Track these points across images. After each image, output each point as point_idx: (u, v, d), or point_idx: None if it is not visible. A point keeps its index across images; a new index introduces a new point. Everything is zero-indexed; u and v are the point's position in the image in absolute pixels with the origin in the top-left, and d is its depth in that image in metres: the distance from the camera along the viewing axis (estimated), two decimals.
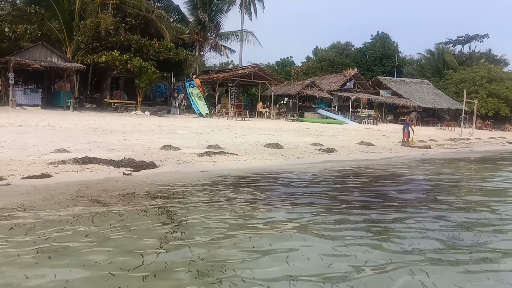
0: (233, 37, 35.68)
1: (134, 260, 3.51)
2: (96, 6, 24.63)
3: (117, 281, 3.12)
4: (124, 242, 3.97)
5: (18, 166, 7.20)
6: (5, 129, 12.40)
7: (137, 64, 23.37)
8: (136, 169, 7.76)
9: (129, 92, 27.64)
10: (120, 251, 3.74)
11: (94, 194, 5.71)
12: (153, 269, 3.36)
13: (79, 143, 10.52)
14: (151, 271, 3.32)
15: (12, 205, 4.94)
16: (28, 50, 21.66)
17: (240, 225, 4.75)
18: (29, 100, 21.40)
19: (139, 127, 16.12)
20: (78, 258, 3.50)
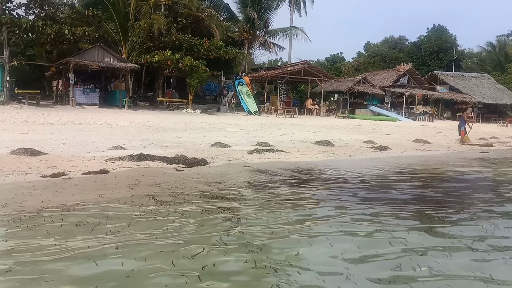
0: (282, 34, 35.48)
1: (194, 251, 3.57)
2: (149, 7, 25.36)
3: (178, 268, 3.18)
4: (184, 234, 4.03)
5: (79, 162, 7.52)
6: (66, 127, 13.07)
7: (188, 63, 23.83)
8: (188, 165, 7.86)
9: (181, 91, 28.27)
10: (181, 243, 3.80)
11: (150, 190, 5.83)
12: (211, 260, 3.40)
13: (134, 140, 10.85)
14: (209, 262, 3.35)
15: (76, 200, 5.13)
16: (86, 52, 22.71)
17: (296, 220, 4.67)
18: (88, 99, 22.45)
19: (190, 124, 16.43)
20: (142, 249, 3.57)
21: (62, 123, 14.09)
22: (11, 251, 3.44)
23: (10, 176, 6.18)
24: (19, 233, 3.87)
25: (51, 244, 3.60)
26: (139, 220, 4.43)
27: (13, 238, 3.75)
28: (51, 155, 8.01)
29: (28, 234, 3.84)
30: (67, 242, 3.66)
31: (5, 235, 3.83)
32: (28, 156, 7.67)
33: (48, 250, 3.45)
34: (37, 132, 11.47)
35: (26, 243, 3.60)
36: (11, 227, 4.04)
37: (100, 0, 25.48)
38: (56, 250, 3.46)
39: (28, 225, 4.08)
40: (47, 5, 21.57)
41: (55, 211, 4.61)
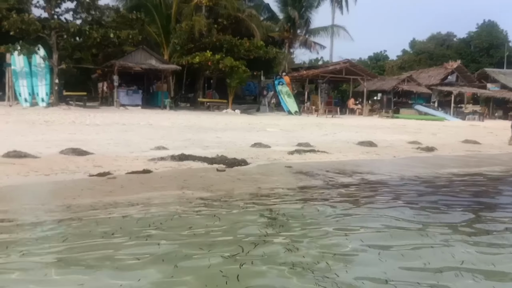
0: (324, 33, 35.06)
1: (234, 250, 3.52)
2: (190, 9, 25.75)
3: (218, 267, 3.15)
4: (225, 232, 4.00)
5: (123, 161, 7.65)
6: (111, 128, 13.43)
7: (229, 64, 23.97)
8: (229, 165, 7.83)
9: (221, 91, 28.50)
10: (220, 241, 3.77)
11: (193, 188, 5.84)
12: (250, 258, 3.33)
13: (176, 140, 10.96)
14: (248, 259, 3.29)
15: (128, 199, 5.20)
16: (130, 54, 23.34)
17: (337, 222, 4.50)
18: (131, 100, 23.07)
19: (230, 125, 16.46)
20: (184, 248, 3.57)
21: (107, 124, 14.49)
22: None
23: (60, 175, 6.36)
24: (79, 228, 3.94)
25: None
26: (186, 217, 4.41)
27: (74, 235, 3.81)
28: (97, 154, 8.20)
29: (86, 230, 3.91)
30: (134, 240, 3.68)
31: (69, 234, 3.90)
32: (76, 156, 7.89)
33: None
34: (84, 132, 11.83)
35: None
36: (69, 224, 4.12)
37: (143, 4, 26.16)
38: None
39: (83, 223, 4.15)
40: (94, 10, 22.32)
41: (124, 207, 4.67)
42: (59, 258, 3.30)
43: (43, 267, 3.11)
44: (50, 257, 3.31)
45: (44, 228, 4.05)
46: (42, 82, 20.43)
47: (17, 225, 4.10)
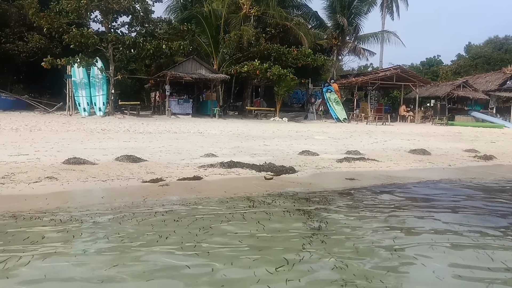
0: (373, 39, 34.39)
1: (278, 261, 3.49)
2: (239, 19, 26.17)
3: (264, 277, 3.13)
4: (270, 242, 3.99)
5: (174, 168, 7.86)
6: (163, 136, 13.87)
7: (276, 72, 24.07)
8: (277, 173, 7.84)
9: (268, 99, 28.64)
10: (265, 251, 3.75)
11: (242, 195, 5.92)
12: (295, 269, 3.30)
13: (225, 148, 11.13)
14: (294, 272, 3.25)
15: (181, 202, 5.36)
16: (181, 64, 24.03)
17: (384, 233, 4.36)
18: (182, 109, 23.72)
19: (278, 133, 16.48)
20: (227, 252, 3.62)
21: (159, 132, 14.99)
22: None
23: (115, 181, 6.63)
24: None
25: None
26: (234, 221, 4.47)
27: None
28: (150, 162, 8.48)
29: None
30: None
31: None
32: (130, 163, 8.20)
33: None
34: (137, 140, 12.30)
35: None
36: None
37: (193, 15, 26.92)
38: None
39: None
40: (147, 23, 23.26)
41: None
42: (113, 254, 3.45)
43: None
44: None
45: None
46: (100, 93, 21.49)
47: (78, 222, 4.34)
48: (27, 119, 17.46)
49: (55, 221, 4.52)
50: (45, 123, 16.02)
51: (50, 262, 3.37)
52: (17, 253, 3.51)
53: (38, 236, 3.98)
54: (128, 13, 22.31)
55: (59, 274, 3.20)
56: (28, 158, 8.29)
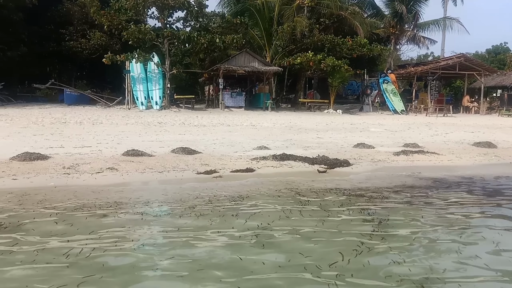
0: (434, 26, 32.64)
1: (333, 257, 3.41)
2: (292, 10, 25.89)
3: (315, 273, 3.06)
4: (324, 237, 3.90)
5: (227, 161, 7.95)
6: (216, 128, 14.07)
7: (330, 63, 23.63)
8: (330, 166, 7.69)
9: (322, 91, 28.21)
10: (320, 246, 3.69)
11: (296, 189, 5.85)
12: (350, 267, 3.19)
13: (277, 140, 11.08)
14: (347, 270, 3.15)
15: (233, 194, 5.41)
16: (234, 58, 24.21)
17: (445, 231, 4.12)
18: (235, 102, 23.92)
19: (331, 125, 16.19)
20: (282, 248, 3.58)
21: (213, 125, 15.22)
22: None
23: (171, 172, 6.81)
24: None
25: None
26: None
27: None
28: (204, 154, 8.63)
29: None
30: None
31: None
32: (185, 155, 8.39)
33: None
34: (192, 133, 12.55)
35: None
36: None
37: (246, 8, 26.98)
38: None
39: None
40: (201, 17, 23.61)
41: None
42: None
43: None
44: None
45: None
46: (156, 87, 22.17)
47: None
48: (90, 113, 18.39)
49: (117, 212, 4.69)
50: (106, 117, 16.79)
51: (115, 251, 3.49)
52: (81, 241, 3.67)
53: (99, 226, 4.15)
54: (183, 8, 22.75)
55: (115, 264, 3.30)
56: (91, 150, 8.72)
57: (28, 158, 7.34)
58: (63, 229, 4.02)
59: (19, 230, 3.94)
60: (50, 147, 8.75)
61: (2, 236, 3.78)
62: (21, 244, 3.59)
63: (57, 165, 6.96)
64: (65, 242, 3.65)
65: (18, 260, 3.24)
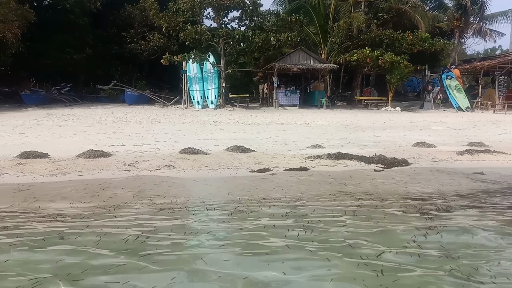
0: (502, 18, 30.55)
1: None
2: (349, 6, 25.36)
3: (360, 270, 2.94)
4: (374, 238, 3.76)
5: (281, 159, 7.91)
6: (270, 127, 14.08)
7: (389, 59, 22.89)
8: (387, 165, 7.43)
9: (380, 88, 27.38)
10: (367, 243, 3.58)
11: (353, 189, 5.72)
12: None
13: (332, 139, 10.90)
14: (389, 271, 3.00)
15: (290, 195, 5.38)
16: (288, 56, 24.10)
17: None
18: (289, 100, 23.82)
19: (389, 123, 15.68)
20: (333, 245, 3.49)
21: (267, 123, 15.24)
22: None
23: (226, 170, 6.89)
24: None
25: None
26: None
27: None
28: (258, 152, 8.66)
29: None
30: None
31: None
32: (239, 153, 8.47)
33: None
34: (246, 131, 12.65)
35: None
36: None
37: (302, 6, 26.76)
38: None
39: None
40: (256, 16, 23.72)
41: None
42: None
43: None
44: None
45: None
46: (212, 86, 22.57)
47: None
48: (149, 112, 19.09)
49: (173, 209, 4.80)
50: (164, 116, 17.35)
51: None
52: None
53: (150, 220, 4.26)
54: (238, 8, 22.98)
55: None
56: (150, 147, 9.04)
57: (93, 156, 7.74)
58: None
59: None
60: (112, 145, 9.17)
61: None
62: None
63: (119, 162, 7.26)
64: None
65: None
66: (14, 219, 4.26)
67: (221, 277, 2.95)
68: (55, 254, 3.31)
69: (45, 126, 13.45)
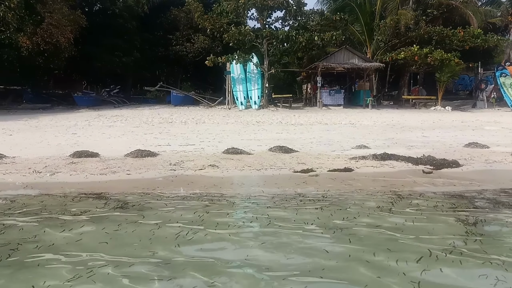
0: None
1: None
2: (396, 3, 24.71)
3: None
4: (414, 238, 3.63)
5: (325, 160, 7.80)
6: (314, 127, 13.95)
7: (438, 57, 22.09)
8: (437, 167, 7.13)
9: (428, 87, 26.45)
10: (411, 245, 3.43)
11: (395, 189, 5.55)
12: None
13: (378, 139, 10.62)
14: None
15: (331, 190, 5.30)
16: (333, 55, 23.79)
17: None
18: (333, 100, 23.50)
19: (439, 123, 15.10)
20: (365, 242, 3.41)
21: (310, 123, 15.10)
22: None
23: (269, 170, 6.88)
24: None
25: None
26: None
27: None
28: (301, 152, 8.58)
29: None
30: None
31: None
32: (282, 153, 8.43)
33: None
34: (289, 132, 12.59)
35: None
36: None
37: (347, 4, 26.36)
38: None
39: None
40: (300, 16, 23.60)
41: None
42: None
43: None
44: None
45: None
46: (255, 87, 22.68)
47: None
48: (194, 113, 19.44)
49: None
50: (208, 117, 17.61)
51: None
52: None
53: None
54: (282, 8, 22.96)
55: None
56: (194, 147, 9.19)
57: (140, 155, 7.96)
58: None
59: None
60: (158, 145, 9.40)
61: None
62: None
63: (165, 162, 7.43)
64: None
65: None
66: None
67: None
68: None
69: (95, 126, 14.02)
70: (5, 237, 3.70)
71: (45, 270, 3.06)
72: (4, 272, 3.02)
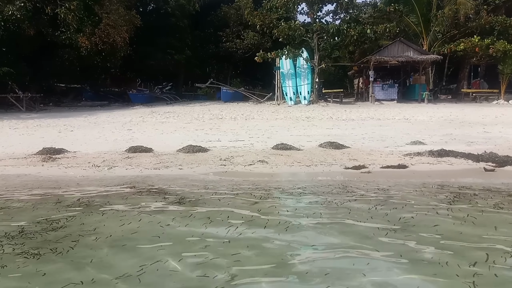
0: None
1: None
2: None
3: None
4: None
5: (377, 156, 7.57)
6: (365, 123, 13.57)
7: (501, 48, 20.77)
8: (499, 164, 6.71)
9: (490, 80, 24.93)
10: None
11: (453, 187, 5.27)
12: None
13: (434, 135, 10.17)
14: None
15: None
16: (386, 48, 22.99)
17: None
18: (386, 95, 22.73)
19: (502, 118, 14.19)
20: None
21: (362, 119, 14.72)
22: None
23: (319, 166, 6.78)
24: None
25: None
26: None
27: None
28: (352, 148, 8.39)
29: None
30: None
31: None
32: (332, 149, 8.29)
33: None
34: (340, 127, 12.34)
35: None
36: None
37: None
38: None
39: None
40: (352, 9, 23.03)
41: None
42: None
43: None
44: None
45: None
46: (305, 82, 22.42)
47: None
48: (243, 109, 19.56)
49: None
50: (257, 112, 17.64)
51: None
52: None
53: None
54: (333, 1, 22.50)
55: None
56: (244, 143, 9.24)
57: (191, 151, 8.12)
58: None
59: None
60: (209, 141, 9.54)
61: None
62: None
63: (215, 157, 7.52)
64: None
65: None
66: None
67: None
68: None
69: (149, 122, 14.48)
70: (67, 230, 3.89)
71: (100, 262, 3.17)
72: (64, 260, 3.16)
